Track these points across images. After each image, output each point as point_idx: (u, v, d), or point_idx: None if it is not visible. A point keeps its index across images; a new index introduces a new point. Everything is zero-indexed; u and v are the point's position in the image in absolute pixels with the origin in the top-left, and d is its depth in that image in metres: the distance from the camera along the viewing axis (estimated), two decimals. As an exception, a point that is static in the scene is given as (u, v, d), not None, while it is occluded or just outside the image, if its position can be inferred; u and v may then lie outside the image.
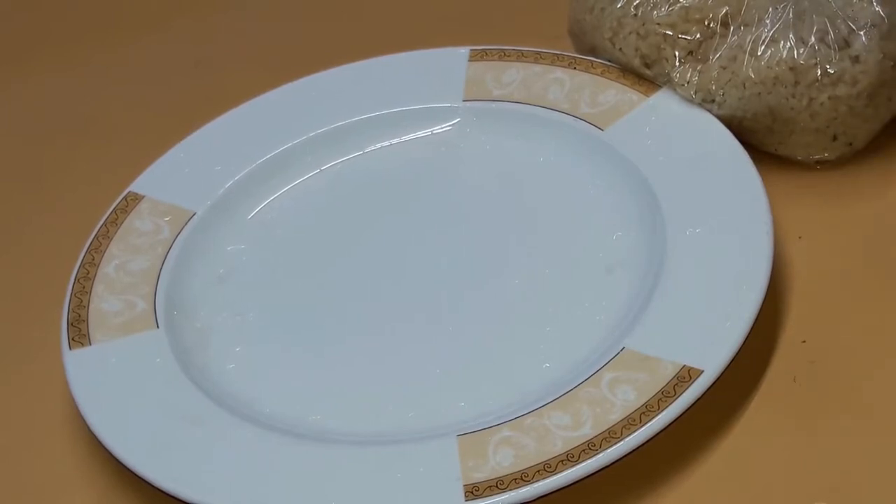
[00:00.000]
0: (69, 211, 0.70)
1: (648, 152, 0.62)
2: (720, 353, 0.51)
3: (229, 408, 0.55)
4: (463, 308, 0.59)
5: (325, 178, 0.67)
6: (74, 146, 0.75)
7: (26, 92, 0.80)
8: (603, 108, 0.64)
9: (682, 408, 0.50)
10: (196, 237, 0.63)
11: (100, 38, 0.84)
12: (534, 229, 0.62)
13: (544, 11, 0.73)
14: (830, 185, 0.62)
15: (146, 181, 0.66)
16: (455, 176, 0.66)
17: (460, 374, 0.56)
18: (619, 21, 0.64)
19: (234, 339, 0.59)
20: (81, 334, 0.58)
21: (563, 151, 0.64)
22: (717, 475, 0.51)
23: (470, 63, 0.68)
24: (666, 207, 0.59)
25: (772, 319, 0.56)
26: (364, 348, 0.58)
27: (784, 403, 0.53)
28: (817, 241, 0.59)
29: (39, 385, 0.59)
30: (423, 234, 0.63)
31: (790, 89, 0.61)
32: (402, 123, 0.68)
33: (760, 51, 0.61)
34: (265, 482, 0.51)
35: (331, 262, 0.63)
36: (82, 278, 0.60)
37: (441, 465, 0.50)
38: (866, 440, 0.51)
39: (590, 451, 0.49)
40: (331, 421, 0.54)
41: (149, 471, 0.51)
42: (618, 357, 0.53)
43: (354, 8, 0.82)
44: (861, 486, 0.50)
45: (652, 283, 0.56)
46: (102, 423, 0.54)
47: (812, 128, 0.61)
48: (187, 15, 0.84)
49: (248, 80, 0.72)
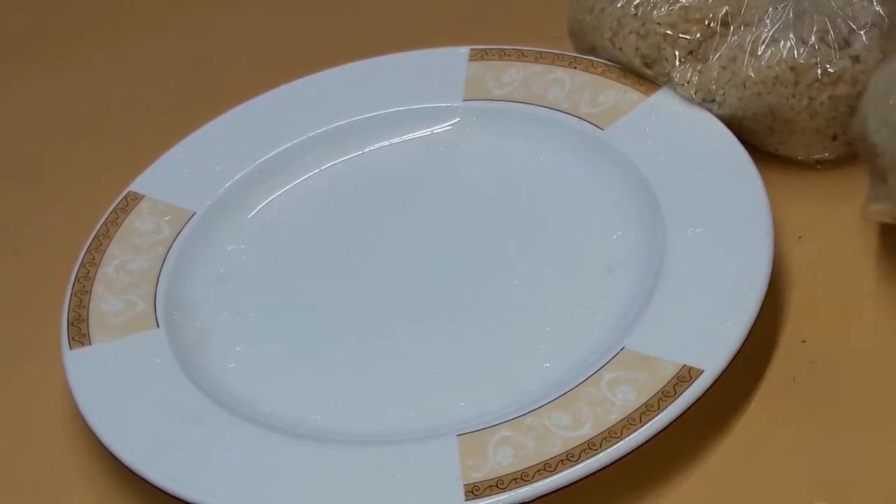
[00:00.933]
0: (69, 211, 0.70)
1: (648, 152, 0.62)
2: (720, 353, 0.51)
3: (229, 408, 0.55)
4: (463, 308, 0.59)
5: (325, 178, 0.67)
6: (74, 146, 0.75)
7: (26, 92, 0.80)
8: (603, 108, 0.64)
9: (682, 408, 0.50)
10: (196, 237, 0.63)
11: (100, 38, 0.84)
12: (534, 229, 0.62)
13: (544, 11, 0.73)
14: (830, 185, 0.62)
15: (146, 181, 0.66)
16: (455, 176, 0.66)
17: (460, 374, 0.56)
18: (619, 21, 0.64)
19: (234, 339, 0.59)
20: (81, 334, 0.58)
21: (563, 151, 0.64)
22: (717, 475, 0.51)
23: (470, 63, 0.68)
24: (666, 207, 0.59)
25: (772, 319, 0.56)
26: (364, 348, 0.58)
27: (784, 403, 0.53)
28: (817, 241, 0.59)
29: (39, 385, 0.59)
30: (422, 234, 0.63)
31: (790, 89, 0.61)
32: (401, 123, 0.68)
33: (760, 50, 0.61)
34: (265, 482, 0.51)
35: (331, 261, 0.63)
36: (82, 278, 0.60)
37: (441, 465, 0.50)
38: (866, 440, 0.51)
39: (590, 450, 0.49)
40: (331, 421, 0.54)
41: (149, 471, 0.51)
42: (618, 357, 0.53)
43: (354, 8, 0.82)
44: (861, 486, 0.50)
45: (652, 283, 0.56)
46: (102, 423, 0.54)
47: (812, 127, 0.61)
48: (187, 15, 0.84)
49: (248, 80, 0.72)
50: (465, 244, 0.62)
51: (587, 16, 0.66)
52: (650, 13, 0.63)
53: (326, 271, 0.62)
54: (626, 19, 0.64)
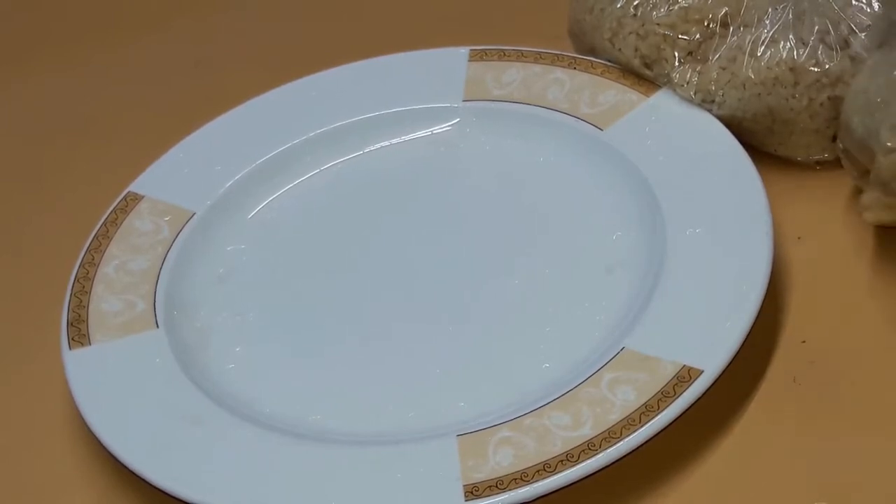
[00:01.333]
0: (69, 211, 0.70)
1: (648, 152, 0.62)
2: (720, 353, 0.51)
3: (229, 408, 0.55)
4: (463, 308, 0.59)
5: (325, 178, 0.67)
6: (74, 146, 0.75)
7: (26, 92, 0.80)
8: (603, 108, 0.64)
9: (681, 408, 0.50)
10: (196, 237, 0.63)
11: (100, 38, 0.84)
12: (533, 229, 0.62)
13: (544, 11, 0.73)
14: (830, 185, 0.62)
15: (146, 181, 0.66)
16: (455, 176, 0.66)
17: (460, 374, 0.56)
18: (618, 21, 0.64)
19: (234, 339, 0.59)
20: (81, 334, 0.58)
21: (563, 151, 0.64)
22: (717, 475, 0.51)
23: (470, 63, 0.68)
24: (666, 207, 0.59)
25: (772, 319, 0.56)
26: (364, 348, 0.58)
27: (784, 403, 0.53)
28: (817, 241, 0.59)
29: (39, 385, 0.59)
30: (422, 234, 0.63)
31: (790, 90, 0.61)
32: (402, 123, 0.68)
33: (760, 51, 0.61)
34: (265, 482, 0.51)
35: (331, 261, 0.63)
36: (82, 278, 0.60)
37: (441, 465, 0.50)
38: (866, 440, 0.51)
39: (589, 451, 0.49)
40: (331, 421, 0.54)
41: (149, 471, 0.51)
42: (618, 357, 0.53)
43: (354, 8, 0.82)
44: (861, 486, 0.50)
45: (652, 283, 0.56)
46: (102, 423, 0.54)
47: (812, 128, 0.61)
48: (187, 15, 0.84)
49: (248, 80, 0.72)
50: (465, 244, 0.62)
51: (587, 16, 0.66)
52: (650, 14, 0.63)
53: (326, 271, 0.62)
54: (626, 20, 0.64)
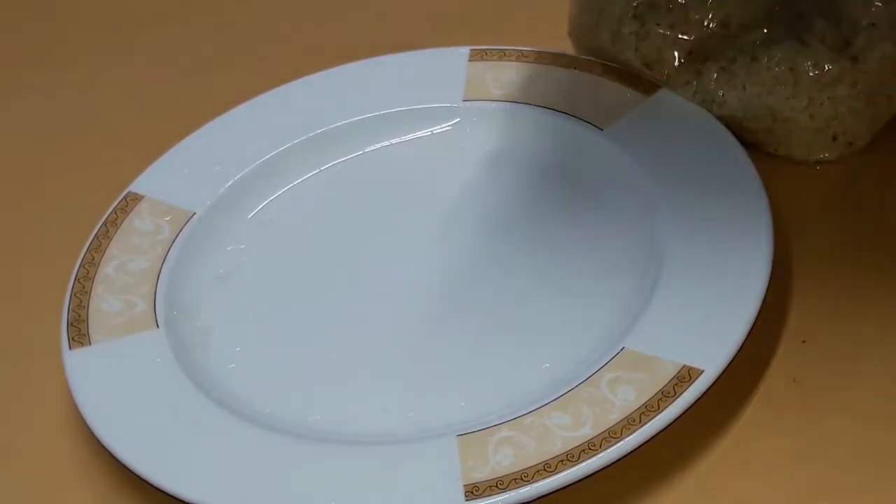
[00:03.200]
0: (69, 211, 0.70)
1: (648, 152, 0.62)
2: (720, 353, 0.51)
3: (229, 408, 0.55)
4: (463, 308, 0.59)
5: (325, 178, 0.67)
6: (74, 146, 0.75)
7: (26, 92, 0.80)
8: (603, 108, 0.64)
9: (682, 408, 0.50)
10: (196, 237, 0.63)
11: (100, 38, 0.84)
12: (533, 229, 0.62)
13: (544, 11, 0.73)
14: (830, 185, 0.62)
15: (146, 181, 0.66)
16: (455, 176, 0.66)
17: (460, 374, 0.56)
18: (618, 21, 0.64)
19: (234, 339, 0.59)
20: (81, 334, 0.58)
21: (564, 151, 0.64)
22: (717, 475, 0.51)
23: (470, 63, 0.69)
24: (666, 207, 0.59)
25: (772, 319, 0.56)
26: (364, 348, 0.58)
27: (784, 403, 0.53)
28: (817, 241, 0.59)
29: (39, 385, 0.59)
30: (422, 233, 0.63)
31: (790, 90, 0.61)
32: (402, 123, 0.68)
33: (760, 51, 0.61)
34: (265, 482, 0.51)
35: (331, 261, 0.63)
36: (82, 278, 0.60)
37: (441, 465, 0.50)
38: (866, 440, 0.51)
39: (590, 451, 0.49)
40: (331, 421, 0.54)
41: (149, 471, 0.51)
42: (618, 357, 0.53)
43: (354, 8, 0.82)
44: (861, 486, 0.50)
45: (652, 284, 0.56)
46: (102, 423, 0.54)
47: (812, 128, 0.61)
48: (188, 15, 0.84)
49: (248, 80, 0.72)
50: (464, 244, 0.62)
51: (587, 16, 0.66)
52: (650, 14, 0.63)
53: (326, 271, 0.62)
54: (626, 20, 0.64)
